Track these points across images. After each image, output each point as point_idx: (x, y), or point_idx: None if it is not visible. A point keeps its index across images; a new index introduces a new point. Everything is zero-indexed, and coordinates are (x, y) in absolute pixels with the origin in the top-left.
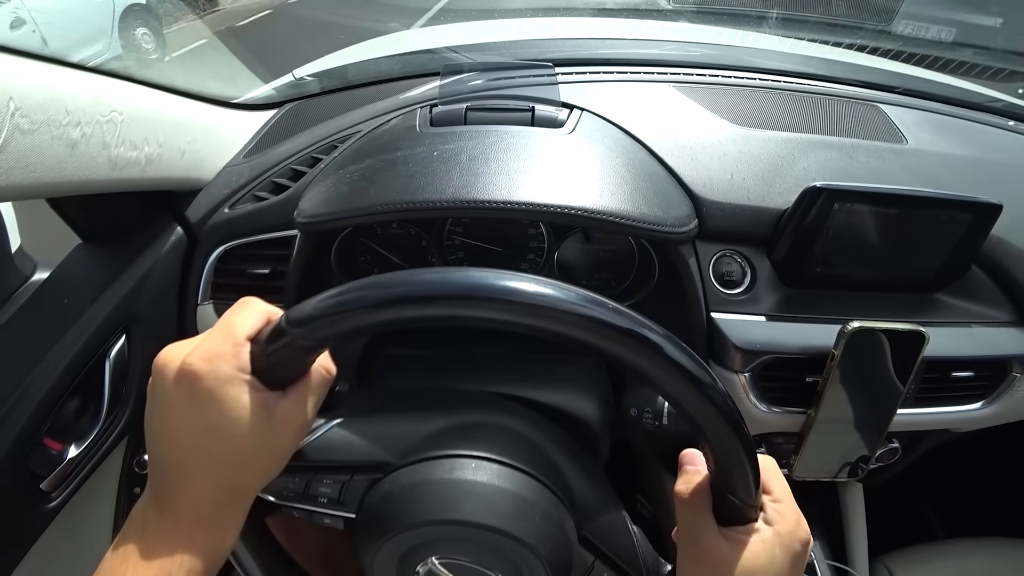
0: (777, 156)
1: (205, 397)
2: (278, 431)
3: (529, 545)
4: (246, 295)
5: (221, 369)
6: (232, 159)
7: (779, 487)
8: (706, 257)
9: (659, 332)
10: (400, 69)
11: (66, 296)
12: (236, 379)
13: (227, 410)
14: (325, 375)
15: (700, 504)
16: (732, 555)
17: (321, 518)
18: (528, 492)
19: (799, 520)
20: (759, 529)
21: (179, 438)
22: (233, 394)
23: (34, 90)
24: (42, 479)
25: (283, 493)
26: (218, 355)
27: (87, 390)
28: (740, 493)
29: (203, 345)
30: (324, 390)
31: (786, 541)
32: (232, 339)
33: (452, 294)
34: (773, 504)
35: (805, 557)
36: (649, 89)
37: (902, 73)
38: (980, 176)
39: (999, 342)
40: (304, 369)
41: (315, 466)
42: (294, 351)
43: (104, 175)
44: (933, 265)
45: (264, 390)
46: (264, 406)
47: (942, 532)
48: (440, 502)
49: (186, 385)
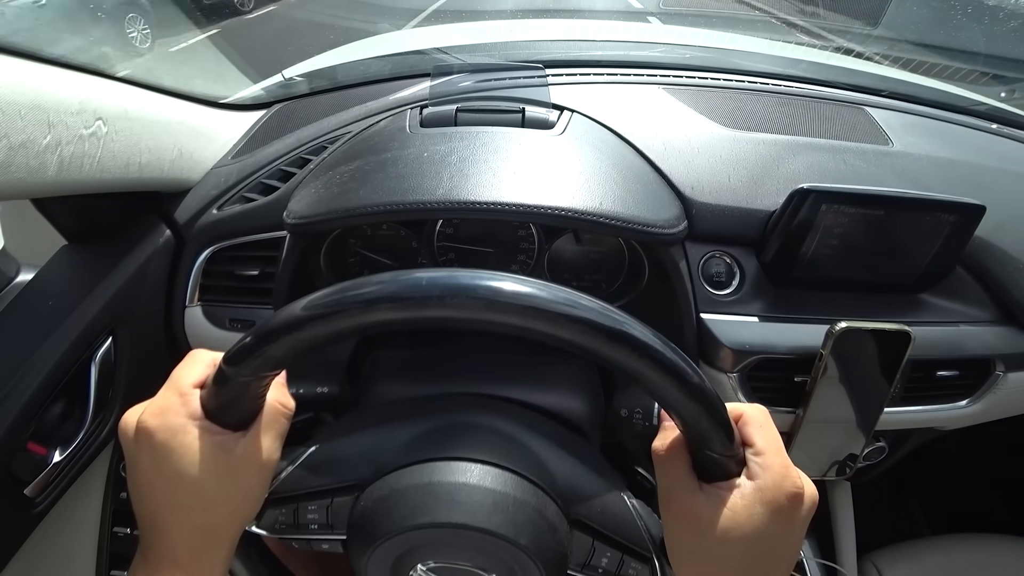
0: (765, 158)
1: (160, 450)
2: (240, 469)
3: (504, 537)
4: (234, 297)
5: (171, 421)
6: (220, 160)
7: (763, 438)
8: (695, 258)
9: (592, 303)
10: (390, 70)
11: (51, 298)
12: (186, 427)
13: (182, 458)
14: (280, 408)
15: (677, 461)
16: (710, 512)
17: (319, 544)
18: (496, 484)
19: (785, 473)
20: (740, 484)
21: (148, 492)
22: (186, 442)
23: (18, 98)
24: (26, 484)
25: (275, 527)
26: (167, 408)
27: (72, 394)
28: (715, 447)
29: (154, 401)
30: (282, 423)
31: (768, 496)
32: (178, 390)
33: (357, 301)
34: (754, 457)
35: (796, 511)
36: (639, 91)
37: (888, 76)
38: (964, 178)
39: (983, 341)
40: (257, 404)
41: (297, 495)
42: (237, 388)
43: (89, 176)
44: (919, 266)
45: (222, 432)
46: (221, 447)
47: (927, 529)
48: (408, 509)
49: (143, 442)
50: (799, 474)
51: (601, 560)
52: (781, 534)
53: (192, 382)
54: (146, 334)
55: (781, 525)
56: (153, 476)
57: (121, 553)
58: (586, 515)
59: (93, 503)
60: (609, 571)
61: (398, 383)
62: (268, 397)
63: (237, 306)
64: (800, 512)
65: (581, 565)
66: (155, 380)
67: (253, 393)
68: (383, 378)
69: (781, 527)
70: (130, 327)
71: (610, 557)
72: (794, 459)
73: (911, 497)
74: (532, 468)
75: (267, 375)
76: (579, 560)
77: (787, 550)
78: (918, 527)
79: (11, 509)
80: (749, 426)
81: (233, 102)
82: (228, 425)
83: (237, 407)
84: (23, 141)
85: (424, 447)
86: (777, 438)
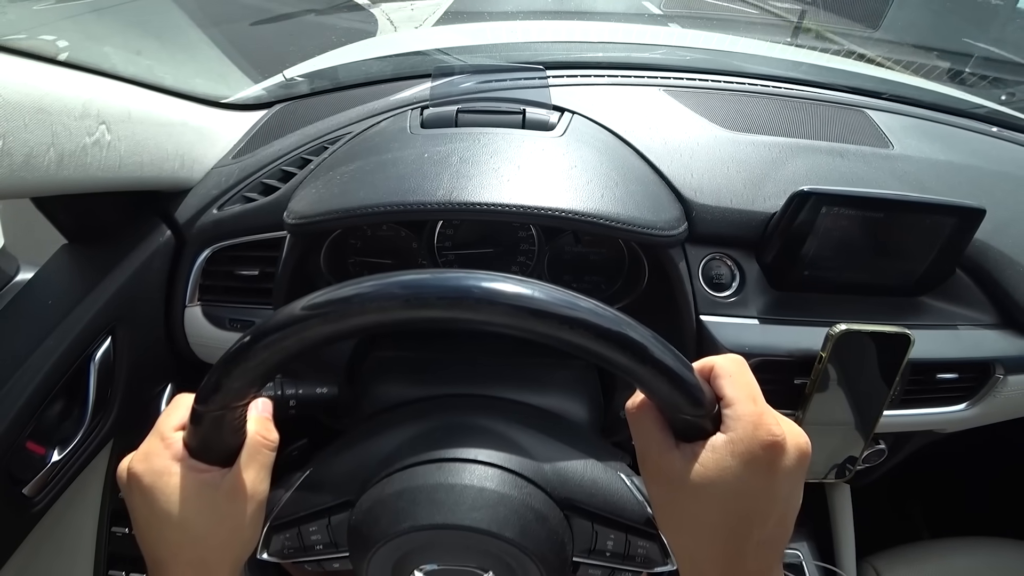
0: (766, 160)
1: (148, 492)
2: (227, 502)
3: (487, 532)
4: (234, 297)
5: (155, 464)
6: (221, 160)
7: (732, 388)
8: (695, 260)
9: (535, 284)
10: (391, 70)
11: (50, 297)
12: (170, 469)
13: (169, 498)
14: (262, 441)
15: (647, 420)
16: (683, 471)
17: (330, 564)
18: (476, 480)
19: (757, 421)
20: (713, 440)
21: (145, 532)
22: (172, 483)
23: (22, 100)
24: (24, 484)
25: (284, 552)
26: (151, 453)
27: (71, 393)
28: (684, 409)
29: (140, 448)
30: (265, 455)
31: (740, 447)
32: (160, 435)
33: (295, 319)
34: (725, 410)
35: (776, 462)
36: (639, 93)
37: (888, 79)
38: (964, 181)
39: (983, 344)
40: (238, 438)
41: (297, 518)
42: (212, 424)
43: (91, 176)
44: (918, 268)
45: (208, 469)
46: (206, 484)
47: (927, 532)
48: (392, 516)
49: (135, 487)
50: (778, 421)
51: (606, 543)
52: (760, 487)
53: (174, 426)
54: (146, 334)
55: (760, 478)
56: (147, 517)
57: (119, 553)
58: (579, 499)
59: (91, 503)
60: (617, 554)
61: (398, 384)
62: (250, 431)
63: (237, 306)
64: (781, 462)
65: (587, 551)
66: (155, 380)
67: (230, 427)
68: (383, 379)
69: (760, 480)
70: (130, 327)
71: (615, 539)
72: None
73: (911, 500)
74: (513, 460)
75: (236, 406)
76: (584, 547)
77: (770, 504)
78: (918, 530)
79: (9, 508)
80: (720, 378)
81: (234, 102)
82: (213, 461)
83: (218, 443)
84: (26, 142)
85: (405, 453)
86: (751, 385)
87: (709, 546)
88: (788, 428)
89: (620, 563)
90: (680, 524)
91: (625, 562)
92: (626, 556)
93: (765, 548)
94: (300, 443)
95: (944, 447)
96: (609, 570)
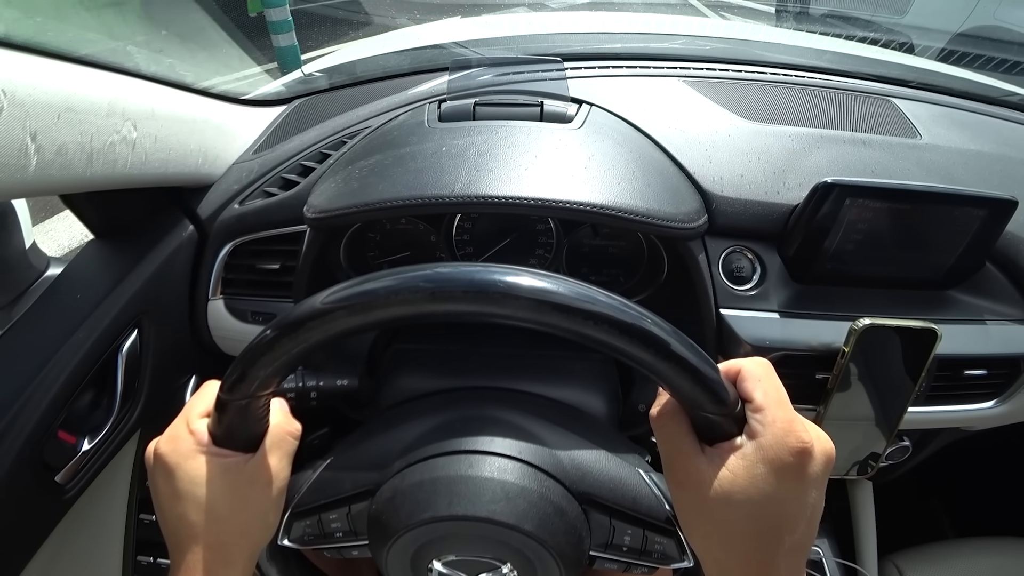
0: (788, 151)
1: (172, 474)
2: (248, 487)
3: (506, 524)
4: (256, 290)
5: (180, 447)
6: (242, 155)
7: (761, 393)
8: (716, 253)
9: (559, 279)
10: (409, 65)
11: (79, 291)
12: (194, 452)
13: (191, 480)
14: (285, 427)
15: (673, 424)
16: (711, 475)
17: (349, 551)
18: (496, 472)
19: (787, 428)
20: (741, 444)
21: (167, 512)
22: (195, 466)
23: (52, 100)
24: (56, 471)
25: (305, 539)
26: (177, 436)
27: (100, 384)
28: (707, 407)
29: (167, 432)
30: (289, 442)
31: (770, 454)
32: (187, 420)
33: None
34: (754, 414)
35: (804, 468)
36: (658, 84)
37: (916, 67)
38: (995, 171)
39: (1013, 340)
40: (262, 426)
41: (317, 506)
42: (236, 413)
43: (117, 174)
44: (946, 262)
45: (231, 455)
46: (229, 469)
47: (952, 531)
48: (412, 507)
49: (160, 468)
50: (806, 427)
51: (623, 538)
52: (790, 494)
53: (200, 412)
54: (171, 326)
55: (789, 484)
56: (169, 497)
57: (147, 539)
58: (598, 494)
59: (120, 490)
60: (634, 549)
61: (417, 376)
62: (272, 422)
63: (259, 299)
64: (810, 469)
65: (603, 545)
66: (179, 371)
67: (254, 415)
68: (402, 371)
69: (789, 487)
70: (155, 319)
71: (632, 534)
72: None
73: (935, 498)
74: (532, 452)
75: (261, 395)
76: (601, 540)
77: (800, 510)
78: (942, 529)
79: (43, 495)
80: (747, 381)
81: (254, 98)
82: (236, 448)
83: (242, 430)
84: (56, 140)
85: (426, 445)
86: (779, 389)
87: (740, 554)
88: (815, 433)
89: (637, 558)
90: (709, 531)
91: (642, 557)
92: (643, 551)
93: (794, 553)
94: (321, 432)
95: (971, 444)
96: (625, 564)
